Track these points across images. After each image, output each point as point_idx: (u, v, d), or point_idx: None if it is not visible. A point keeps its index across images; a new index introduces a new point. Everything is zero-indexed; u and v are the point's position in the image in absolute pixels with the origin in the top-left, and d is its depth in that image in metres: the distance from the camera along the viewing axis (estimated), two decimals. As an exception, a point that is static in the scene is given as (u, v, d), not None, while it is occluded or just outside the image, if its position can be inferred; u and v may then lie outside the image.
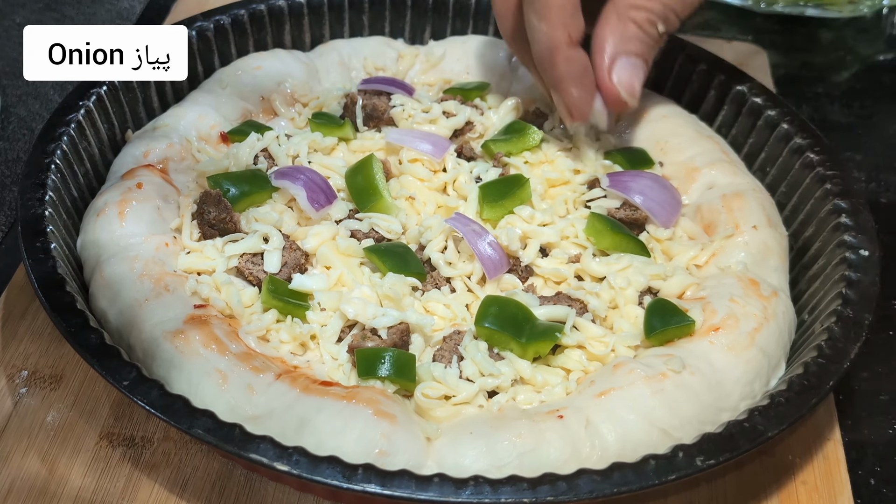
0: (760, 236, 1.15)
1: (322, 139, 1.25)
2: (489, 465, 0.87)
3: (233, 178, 1.16)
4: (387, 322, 1.01)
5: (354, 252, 1.11)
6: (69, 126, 1.16)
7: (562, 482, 0.83)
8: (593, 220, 1.14)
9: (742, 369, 0.99)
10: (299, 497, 0.99)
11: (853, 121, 1.67)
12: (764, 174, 1.30)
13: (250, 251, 1.08)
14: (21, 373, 1.09)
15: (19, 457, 1.00)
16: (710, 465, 0.86)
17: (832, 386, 0.95)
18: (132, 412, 1.05)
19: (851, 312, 1.02)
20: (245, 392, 0.92)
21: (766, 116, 1.30)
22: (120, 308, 1.00)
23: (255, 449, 0.83)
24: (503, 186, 1.19)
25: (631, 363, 0.98)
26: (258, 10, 1.41)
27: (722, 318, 1.03)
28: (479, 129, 1.32)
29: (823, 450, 1.08)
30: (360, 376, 0.97)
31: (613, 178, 1.20)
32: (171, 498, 0.98)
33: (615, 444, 0.91)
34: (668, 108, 1.36)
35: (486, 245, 1.10)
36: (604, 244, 1.12)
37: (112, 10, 1.77)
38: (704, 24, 1.88)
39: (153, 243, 1.08)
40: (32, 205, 1.06)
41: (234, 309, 1.03)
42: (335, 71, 1.41)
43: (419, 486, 0.82)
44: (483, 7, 1.47)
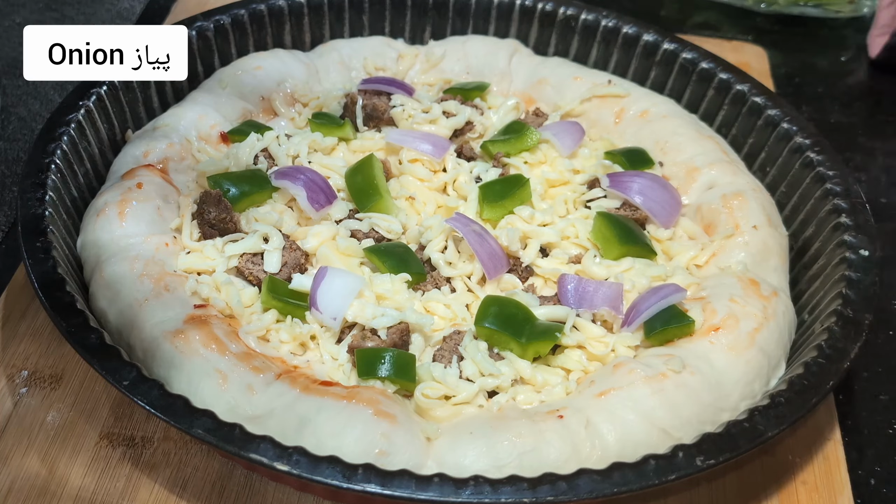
0: (760, 236, 1.15)
1: (322, 139, 1.25)
2: (489, 465, 0.88)
3: (233, 178, 1.16)
4: (386, 322, 1.01)
5: (354, 252, 1.11)
6: (69, 126, 1.16)
7: (562, 482, 0.83)
8: (600, 224, 1.14)
9: (742, 369, 0.99)
10: (299, 497, 0.99)
11: (853, 121, 1.67)
12: (764, 174, 1.30)
13: (250, 251, 1.08)
14: (21, 373, 1.09)
15: (19, 457, 1.00)
16: (710, 465, 0.86)
17: (832, 386, 0.95)
18: (132, 412, 1.05)
19: (851, 312, 1.02)
20: (245, 392, 0.92)
21: (766, 116, 1.30)
22: (120, 308, 1.00)
23: (255, 449, 0.83)
24: (503, 186, 1.19)
25: (631, 363, 0.98)
26: (258, 10, 1.41)
27: (722, 318, 1.03)
28: (479, 129, 1.32)
29: (823, 450, 1.08)
30: (360, 376, 0.97)
31: (613, 178, 1.20)
32: (171, 498, 0.98)
33: (615, 444, 0.91)
34: (668, 107, 1.36)
35: (486, 245, 1.10)
36: (612, 255, 1.12)
37: (112, 10, 1.77)
38: (704, 24, 1.88)
39: (153, 243, 1.08)
40: (32, 205, 1.06)
41: (234, 309, 1.03)
42: (335, 71, 1.41)
43: (419, 486, 0.82)
44: (483, 7, 1.47)
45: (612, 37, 1.43)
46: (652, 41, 1.40)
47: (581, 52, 1.46)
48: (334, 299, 1.01)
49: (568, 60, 1.45)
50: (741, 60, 1.67)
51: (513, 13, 1.47)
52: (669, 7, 1.93)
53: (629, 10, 1.47)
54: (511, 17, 1.47)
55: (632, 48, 1.42)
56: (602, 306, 1.04)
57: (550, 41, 1.47)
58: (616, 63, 1.45)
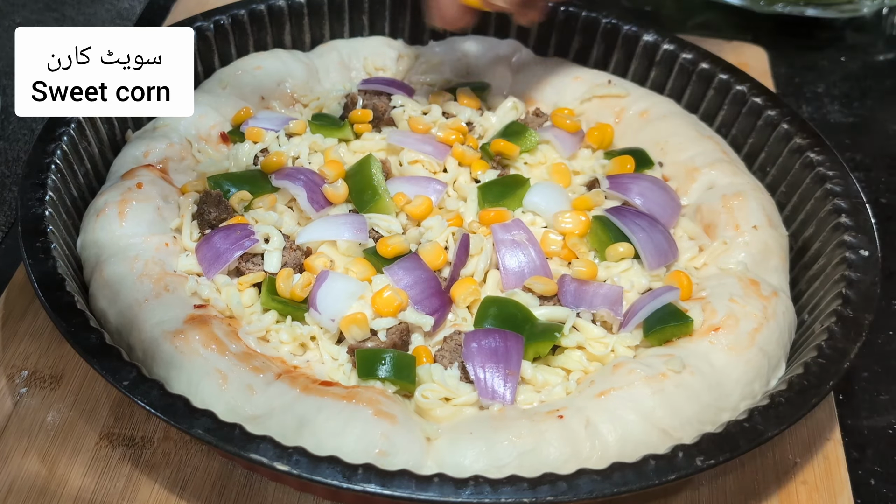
0: (760, 236, 1.15)
1: (323, 140, 1.25)
2: (489, 465, 0.87)
3: (233, 179, 1.16)
4: (385, 323, 1.01)
5: (354, 253, 1.11)
6: (69, 126, 1.16)
7: (562, 482, 0.83)
8: (596, 227, 1.13)
9: (742, 369, 0.99)
10: (299, 497, 0.99)
11: (853, 121, 1.67)
12: (764, 174, 1.30)
13: (250, 251, 1.08)
14: (21, 373, 1.09)
15: (19, 457, 1.00)
16: (710, 465, 0.86)
17: (832, 386, 0.95)
18: (132, 412, 1.05)
19: (851, 312, 1.02)
20: (245, 392, 0.92)
21: (766, 116, 1.30)
22: (120, 308, 1.00)
23: (255, 449, 0.83)
24: (503, 187, 1.19)
25: (631, 363, 0.98)
26: (258, 10, 1.41)
27: (722, 318, 1.03)
28: (478, 129, 1.32)
29: (823, 450, 1.08)
30: (360, 377, 0.97)
31: (613, 179, 1.20)
32: (171, 498, 0.98)
33: (615, 444, 0.91)
34: (668, 107, 1.36)
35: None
36: (610, 257, 1.12)
37: (112, 10, 1.77)
38: (704, 24, 1.88)
39: (153, 243, 1.08)
40: (32, 205, 1.06)
41: (233, 309, 1.03)
42: (335, 71, 1.41)
43: (419, 486, 0.82)
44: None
45: (612, 37, 1.43)
46: (652, 41, 1.40)
47: (581, 52, 1.46)
48: (334, 302, 1.02)
49: (568, 60, 1.45)
50: (741, 60, 1.67)
51: (513, 13, 1.47)
52: (669, 7, 1.93)
53: (629, 10, 1.47)
54: (511, 17, 1.47)
55: (632, 48, 1.42)
56: (601, 307, 1.04)
57: (550, 41, 1.47)
58: (616, 63, 1.44)
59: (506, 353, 0.96)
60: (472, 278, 1.08)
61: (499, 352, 0.96)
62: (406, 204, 1.15)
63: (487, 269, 1.10)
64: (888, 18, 1.92)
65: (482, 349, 0.97)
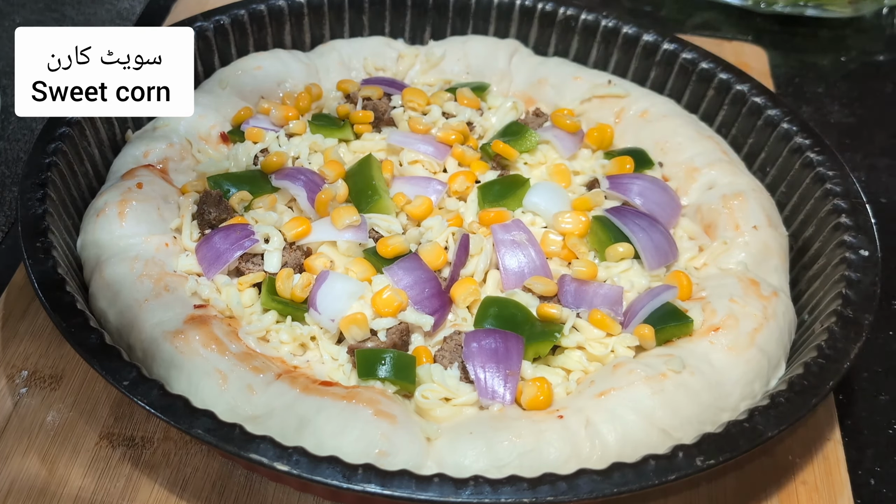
0: (760, 236, 1.15)
1: (323, 140, 1.25)
2: (489, 465, 0.88)
3: (233, 179, 1.16)
4: (385, 323, 1.01)
5: (354, 253, 1.11)
6: (69, 126, 1.16)
7: (562, 482, 0.83)
8: (596, 228, 1.14)
9: (742, 369, 0.99)
10: (299, 497, 0.99)
11: (853, 121, 1.67)
12: (764, 174, 1.30)
13: (250, 251, 1.08)
14: (21, 373, 1.09)
15: (19, 457, 1.00)
16: (710, 465, 0.86)
17: (832, 386, 0.95)
18: (132, 412, 1.05)
19: (851, 312, 1.02)
20: (245, 392, 0.92)
21: (766, 116, 1.30)
22: (120, 308, 1.00)
23: (255, 449, 0.83)
24: (502, 187, 1.19)
25: (631, 363, 0.98)
26: (258, 10, 1.41)
27: (722, 318, 1.03)
28: (478, 129, 1.32)
29: (823, 450, 1.08)
30: (360, 377, 0.97)
31: (613, 179, 1.20)
32: (171, 498, 0.98)
33: (615, 444, 0.91)
34: (668, 107, 1.36)
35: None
36: (610, 257, 1.12)
37: (112, 10, 1.77)
38: (704, 24, 1.88)
39: (153, 243, 1.08)
40: (32, 205, 1.06)
41: (233, 310, 1.03)
42: (335, 71, 1.41)
43: (419, 486, 0.82)
44: (483, 7, 1.47)
45: (612, 37, 1.43)
46: (652, 41, 1.40)
47: (581, 52, 1.46)
48: (334, 302, 1.02)
49: (568, 60, 1.45)
50: (741, 60, 1.67)
51: (513, 13, 1.47)
52: (669, 7, 1.93)
53: (629, 10, 1.47)
54: (511, 17, 1.47)
55: (632, 48, 1.42)
56: (601, 308, 1.04)
57: (550, 41, 1.47)
58: (616, 63, 1.45)
59: (506, 354, 0.96)
60: (472, 278, 1.08)
61: (499, 352, 0.96)
62: (406, 204, 1.15)
63: (487, 269, 1.10)
64: (888, 18, 1.92)
65: (482, 349, 0.97)
